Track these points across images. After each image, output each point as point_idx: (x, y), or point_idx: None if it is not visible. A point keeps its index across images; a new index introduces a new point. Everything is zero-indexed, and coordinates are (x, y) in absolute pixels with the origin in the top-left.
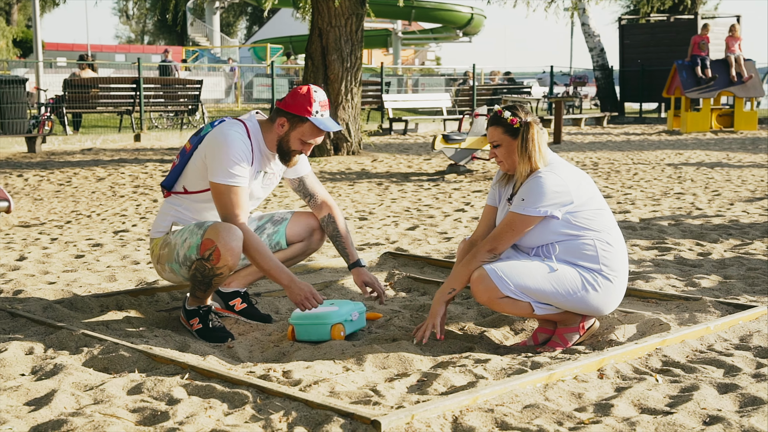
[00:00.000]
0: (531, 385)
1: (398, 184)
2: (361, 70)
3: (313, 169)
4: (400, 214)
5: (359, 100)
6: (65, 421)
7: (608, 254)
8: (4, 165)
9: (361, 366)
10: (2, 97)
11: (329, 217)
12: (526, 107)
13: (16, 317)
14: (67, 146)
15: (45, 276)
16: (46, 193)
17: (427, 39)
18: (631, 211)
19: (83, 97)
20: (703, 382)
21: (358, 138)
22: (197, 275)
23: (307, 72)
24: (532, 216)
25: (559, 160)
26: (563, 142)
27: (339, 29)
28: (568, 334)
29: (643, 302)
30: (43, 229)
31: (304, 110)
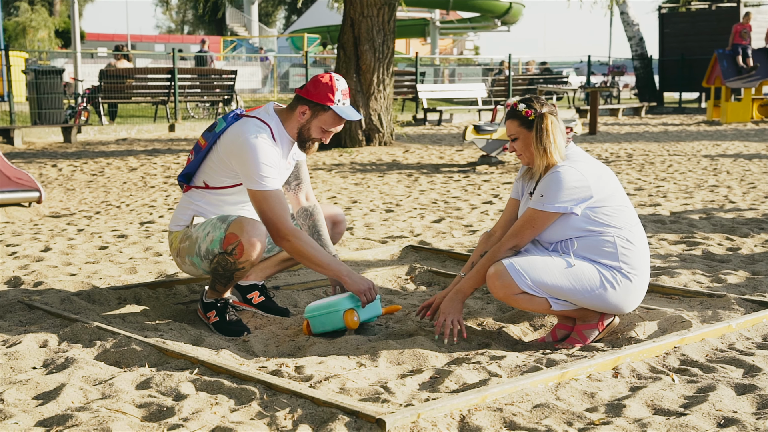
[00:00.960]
0: (543, 384)
1: (428, 175)
2: (393, 60)
3: (344, 159)
4: (426, 206)
5: (391, 91)
6: (71, 416)
7: (629, 252)
8: (40, 155)
9: (375, 362)
10: (39, 87)
11: (314, 208)
12: (543, 99)
13: (34, 309)
14: (102, 136)
15: (67, 267)
16: (79, 183)
17: (465, 28)
18: (662, 204)
19: (119, 87)
20: (720, 383)
21: (390, 128)
22: (218, 269)
23: (339, 62)
24: (550, 212)
25: (580, 153)
26: (599, 133)
27: (371, 19)
28: (587, 331)
29: (665, 299)
30: (72, 220)
31: (326, 99)
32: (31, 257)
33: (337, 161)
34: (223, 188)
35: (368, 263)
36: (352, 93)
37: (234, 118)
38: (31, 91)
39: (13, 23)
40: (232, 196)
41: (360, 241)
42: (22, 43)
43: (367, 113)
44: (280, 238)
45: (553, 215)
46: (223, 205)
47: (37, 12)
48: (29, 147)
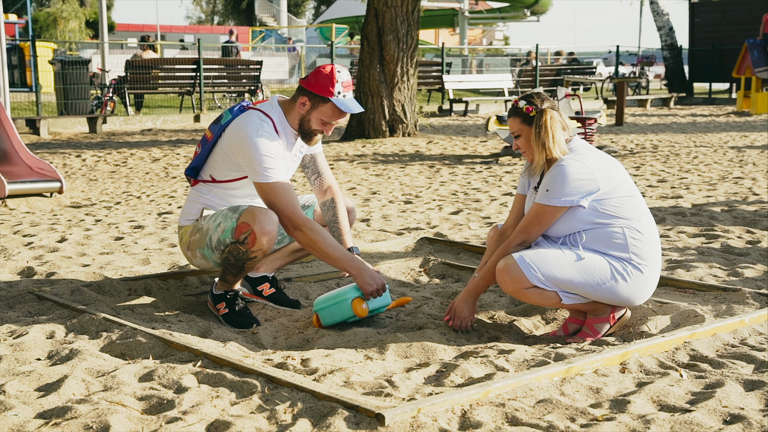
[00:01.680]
0: (547, 379)
1: (450, 166)
2: (417, 50)
3: (367, 150)
4: (446, 197)
5: (415, 81)
6: (70, 408)
7: (638, 243)
8: (65, 145)
9: (383, 355)
10: (65, 78)
11: (332, 202)
12: (545, 95)
13: (43, 300)
14: (127, 127)
15: (81, 258)
16: (102, 173)
17: (495, 18)
18: (684, 197)
19: (144, 77)
20: (729, 379)
21: (414, 119)
22: (230, 258)
23: (363, 53)
24: (557, 206)
25: (584, 146)
26: (625, 124)
27: (395, 9)
28: (598, 325)
29: (679, 292)
30: (91, 210)
31: (326, 90)
32: (47, 248)
33: (359, 152)
34: (229, 181)
35: (382, 255)
36: (375, 84)
37: (239, 110)
38: (57, 81)
39: (44, 14)
40: (239, 189)
41: (376, 233)
42: (53, 34)
43: (391, 104)
44: (293, 228)
45: (559, 209)
46: (231, 198)
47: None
48: (55, 137)
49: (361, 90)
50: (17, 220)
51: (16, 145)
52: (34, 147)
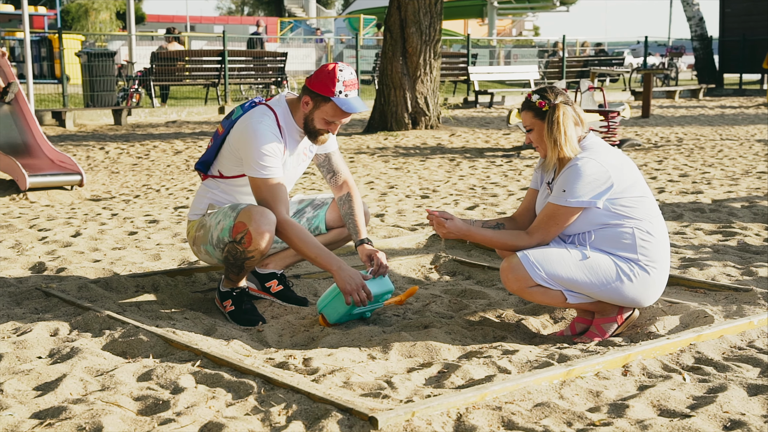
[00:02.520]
0: (547, 382)
1: (471, 160)
2: (440, 42)
3: (388, 143)
4: (463, 192)
5: (438, 74)
6: (65, 409)
7: (647, 244)
8: (90, 137)
9: (386, 354)
10: (91, 70)
11: (347, 196)
12: (559, 89)
13: (50, 297)
14: (152, 118)
15: (93, 254)
16: (124, 166)
17: (524, 8)
18: (704, 192)
19: (170, 69)
20: (733, 383)
21: (436, 112)
22: (229, 258)
23: (386, 45)
24: (573, 207)
25: (598, 143)
26: (652, 116)
27: (418, 1)
28: (606, 325)
29: (690, 292)
30: (110, 204)
31: (327, 90)
32: (60, 242)
33: (381, 145)
34: (235, 177)
35: (393, 251)
36: (398, 76)
37: (250, 105)
38: (84, 73)
39: (76, 5)
40: (245, 186)
41: (389, 229)
42: (84, 25)
43: (413, 96)
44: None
45: (576, 210)
46: (238, 194)
47: None
48: (80, 129)
49: (384, 82)
50: (35, 213)
51: (38, 138)
52: (60, 139)
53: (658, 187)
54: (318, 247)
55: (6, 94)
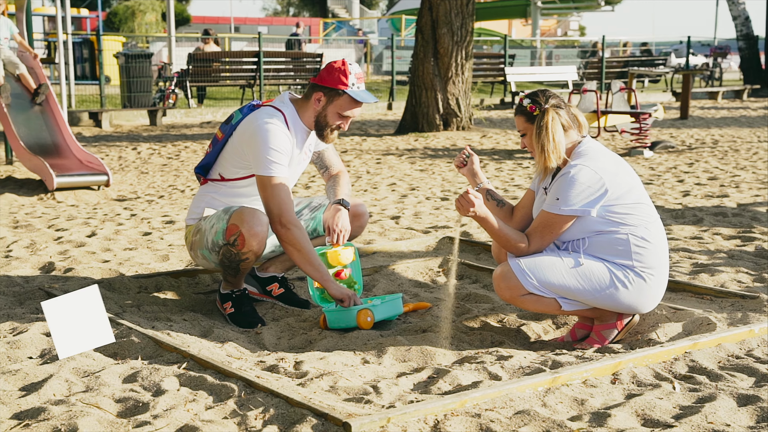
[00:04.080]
0: (531, 389)
1: (498, 161)
2: (472, 43)
3: (418, 144)
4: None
5: (470, 75)
6: (44, 410)
7: (643, 250)
8: (124, 138)
9: (380, 359)
10: (129, 71)
11: (336, 176)
12: (551, 93)
13: (52, 297)
14: (187, 119)
15: (104, 254)
16: (153, 166)
17: (568, 8)
18: (731, 196)
19: (206, 70)
20: (723, 392)
21: (468, 113)
22: (225, 260)
23: (417, 46)
24: (566, 215)
25: (594, 149)
26: (690, 118)
27: (449, 2)
28: (606, 331)
29: (696, 299)
30: (132, 204)
31: (340, 83)
32: (74, 242)
33: (410, 146)
34: (238, 180)
35: (401, 254)
36: (429, 77)
37: (249, 108)
38: (122, 74)
39: (123, 7)
40: (246, 188)
41: (402, 231)
42: (130, 27)
43: (445, 98)
44: (280, 225)
45: (569, 218)
46: (237, 197)
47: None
48: (116, 130)
49: (415, 83)
50: (57, 213)
51: (67, 139)
52: (95, 139)
53: (683, 190)
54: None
55: (37, 95)
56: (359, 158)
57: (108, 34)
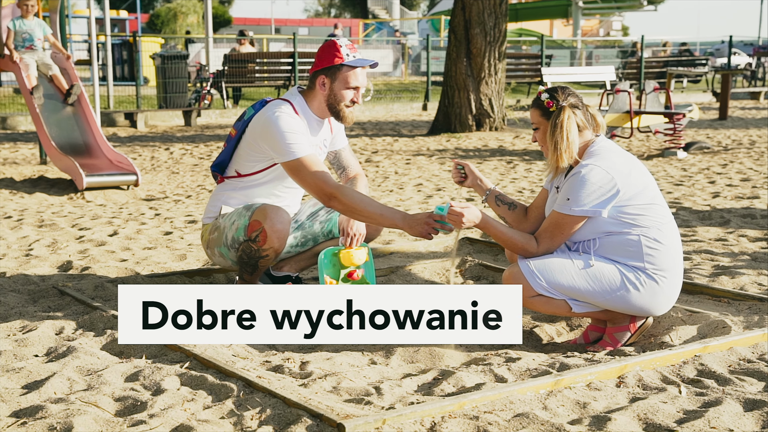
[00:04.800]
0: (532, 392)
1: (529, 162)
2: (505, 44)
3: (450, 145)
4: (510, 195)
5: (503, 75)
6: (42, 408)
7: (655, 252)
8: (158, 138)
9: (388, 359)
10: (165, 72)
11: (354, 178)
12: (571, 90)
13: (64, 295)
14: (222, 120)
15: (123, 253)
16: (185, 166)
17: (610, 8)
18: (761, 197)
19: (241, 71)
20: (730, 397)
21: (501, 114)
22: (243, 257)
23: (450, 46)
24: (577, 216)
25: (607, 148)
26: (730, 118)
27: (482, 2)
28: (618, 334)
29: (714, 301)
30: (159, 204)
31: (335, 58)
32: (95, 242)
33: (442, 147)
34: (254, 174)
35: (419, 255)
36: (462, 77)
37: (261, 104)
38: (158, 75)
39: (165, 9)
40: (264, 185)
41: None
42: (172, 28)
43: (478, 98)
44: (327, 198)
45: (580, 218)
46: (254, 193)
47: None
48: (151, 130)
49: (448, 84)
50: (83, 212)
51: (98, 139)
52: (129, 140)
53: (713, 191)
54: (380, 205)
55: (69, 96)
56: (389, 158)
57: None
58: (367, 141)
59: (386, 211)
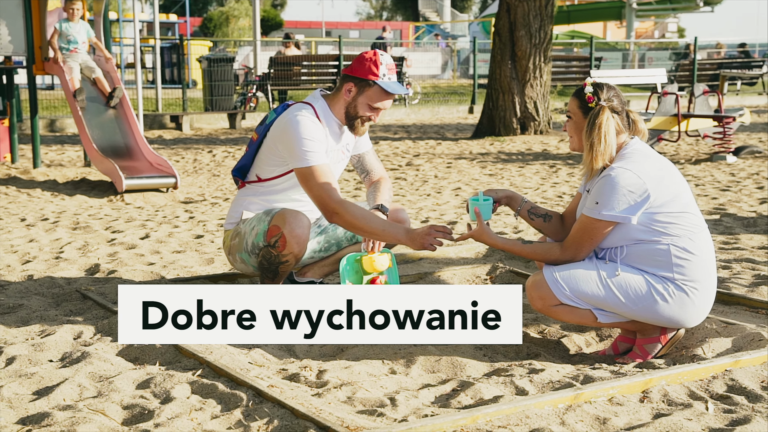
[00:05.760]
0: (550, 406)
1: (572, 166)
2: (550, 46)
3: (493, 148)
4: (549, 200)
5: (549, 78)
6: (49, 415)
7: (685, 262)
8: (202, 141)
9: (408, 369)
10: (211, 75)
11: (377, 182)
12: (616, 91)
13: (87, 299)
14: None
15: (151, 256)
16: (226, 169)
17: (665, 10)
18: None
19: (287, 74)
20: (760, 415)
21: (546, 117)
22: (264, 262)
23: (495, 48)
24: (605, 221)
25: (641, 151)
26: None
27: (527, 4)
28: (649, 345)
29: (751, 313)
30: (196, 206)
31: (371, 73)
32: (126, 245)
33: (485, 150)
34: (275, 178)
35: (449, 261)
36: (507, 80)
37: (282, 107)
38: (205, 78)
39: (218, 12)
40: (284, 187)
41: None
42: (225, 32)
43: (522, 101)
44: (329, 213)
45: (608, 224)
46: (275, 199)
47: (241, 2)
48: (196, 133)
49: (492, 86)
50: (119, 215)
51: (139, 141)
52: (173, 142)
53: (761, 198)
54: (380, 220)
55: (111, 99)
56: (430, 162)
57: (194, 38)
58: (410, 144)
59: (389, 227)
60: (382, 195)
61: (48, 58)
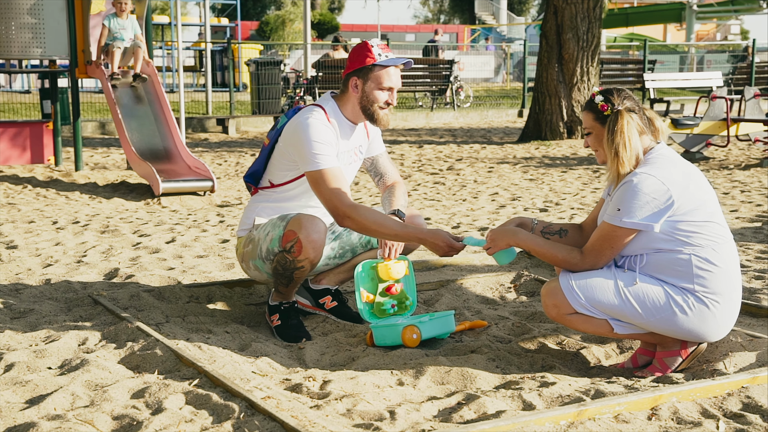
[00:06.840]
0: (552, 423)
1: None
2: (599, 49)
3: (538, 153)
4: (587, 206)
5: (597, 81)
6: (35, 425)
7: (707, 273)
8: (246, 144)
9: (416, 380)
10: (259, 78)
11: (392, 186)
12: (627, 93)
13: (98, 305)
14: None
15: (173, 261)
16: None
17: (726, 11)
18: None
19: (335, 77)
20: None
21: None
22: (278, 268)
23: (541, 51)
24: (627, 228)
25: (666, 156)
26: None
27: (575, 6)
28: (669, 359)
29: None
30: (229, 210)
31: (367, 59)
32: (150, 249)
33: (528, 155)
34: (287, 183)
35: (473, 268)
36: (553, 83)
37: (294, 111)
38: (253, 81)
39: (274, 16)
40: (297, 192)
41: None
42: (281, 35)
43: (569, 105)
44: (340, 217)
45: (630, 231)
46: (288, 204)
47: (296, 5)
48: (242, 136)
49: (539, 90)
50: (151, 218)
51: (178, 144)
52: (218, 145)
53: None
54: (394, 222)
55: (138, 77)
56: (472, 166)
57: (245, 42)
58: (454, 148)
59: (402, 229)
60: (398, 200)
61: (90, 62)
